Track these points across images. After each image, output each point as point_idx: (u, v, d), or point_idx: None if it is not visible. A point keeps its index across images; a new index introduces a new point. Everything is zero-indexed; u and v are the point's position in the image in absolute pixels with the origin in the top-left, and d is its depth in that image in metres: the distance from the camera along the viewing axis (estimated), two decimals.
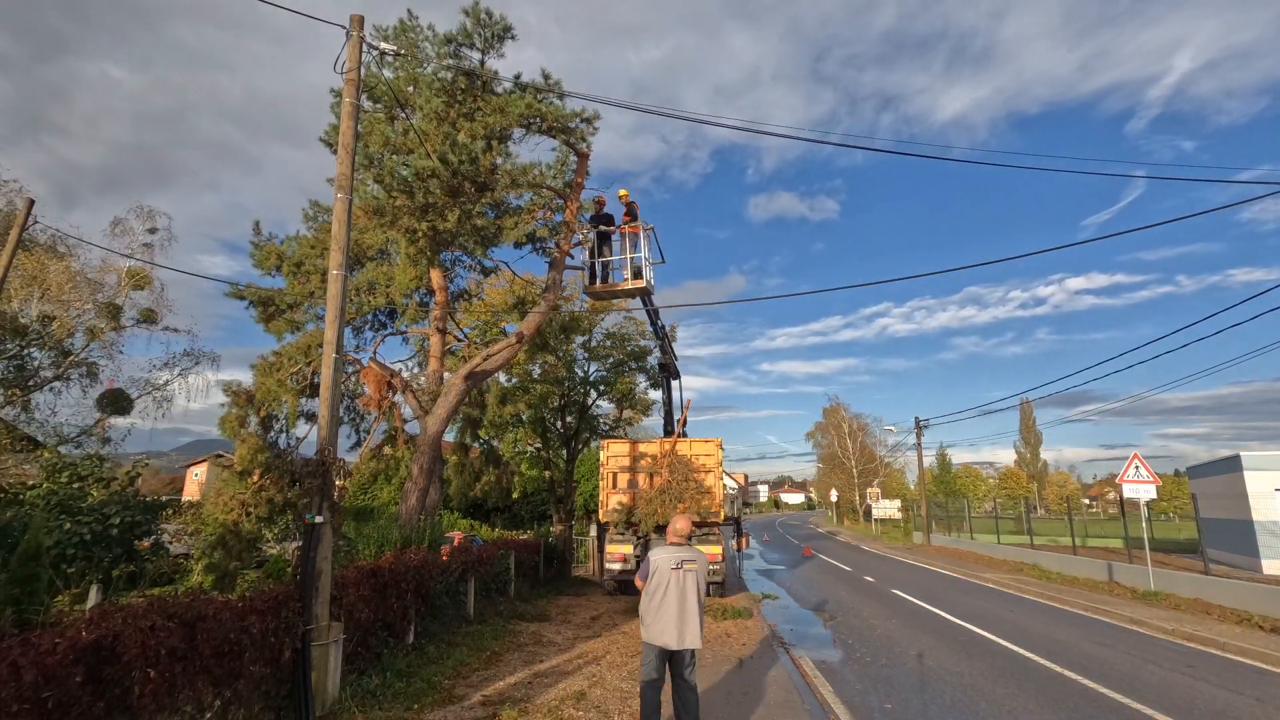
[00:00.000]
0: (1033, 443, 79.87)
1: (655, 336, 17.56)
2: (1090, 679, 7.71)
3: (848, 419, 67.22)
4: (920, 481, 37.60)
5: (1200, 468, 22.85)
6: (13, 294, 16.95)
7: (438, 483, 14.76)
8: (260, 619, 5.31)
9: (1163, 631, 10.60)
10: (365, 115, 11.07)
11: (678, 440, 14.13)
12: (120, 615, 4.29)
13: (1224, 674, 8.09)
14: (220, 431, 14.78)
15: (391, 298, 15.99)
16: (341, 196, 7.08)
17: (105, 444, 18.50)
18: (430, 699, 6.37)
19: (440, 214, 10.69)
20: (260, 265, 15.16)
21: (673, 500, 13.01)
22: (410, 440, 16.95)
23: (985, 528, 28.07)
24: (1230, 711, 6.63)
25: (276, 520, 11.51)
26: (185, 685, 4.47)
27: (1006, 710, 6.58)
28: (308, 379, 14.87)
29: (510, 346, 13.31)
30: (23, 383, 17.85)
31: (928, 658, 8.82)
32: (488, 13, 10.62)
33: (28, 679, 3.49)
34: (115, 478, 13.19)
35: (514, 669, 7.67)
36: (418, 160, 10.15)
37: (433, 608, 8.95)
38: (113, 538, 11.27)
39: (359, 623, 6.80)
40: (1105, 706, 6.75)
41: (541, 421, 26.00)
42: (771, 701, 6.66)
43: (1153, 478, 14.36)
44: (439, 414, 12.53)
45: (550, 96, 11.30)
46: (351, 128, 7.21)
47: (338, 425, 7.11)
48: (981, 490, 58.45)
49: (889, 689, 7.29)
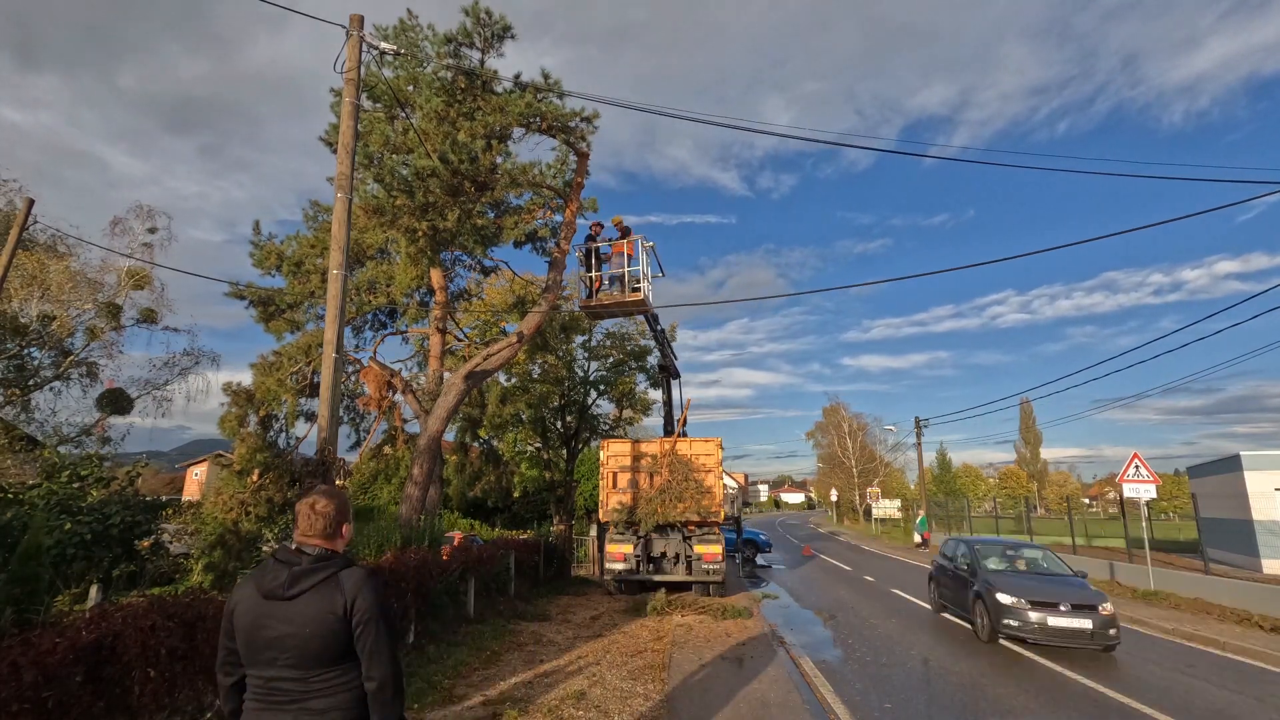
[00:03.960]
0: (1033, 443, 79.94)
1: (655, 340, 17.55)
2: (1090, 678, 7.71)
3: (848, 419, 67.31)
4: (920, 481, 37.61)
5: (1200, 467, 22.86)
6: (13, 294, 16.95)
7: (438, 483, 14.77)
8: None
9: (1163, 631, 10.60)
10: (365, 115, 11.06)
11: (678, 440, 14.13)
12: (120, 615, 4.29)
13: (1224, 674, 8.09)
14: (220, 431, 14.79)
15: (391, 297, 16.00)
16: (341, 196, 7.08)
17: (105, 444, 18.50)
18: (430, 699, 6.37)
19: (440, 213, 10.68)
20: (260, 265, 15.15)
21: (673, 500, 13.01)
22: (410, 440, 16.96)
23: (985, 527, 28.10)
24: (1230, 711, 6.63)
25: (276, 520, 11.50)
26: (185, 685, 4.47)
27: (1006, 709, 6.58)
28: (308, 379, 14.88)
29: (510, 346, 13.31)
30: (23, 383, 17.85)
31: (928, 657, 8.82)
32: (487, 12, 10.62)
33: (28, 679, 3.49)
34: (115, 478, 13.19)
35: (514, 669, 7.67)
36: (417, 160, 10.15)
37: (433, 607, 8.94)
38: (113, 538, 11.26)
39: None
40: (1105, 706, 6.75)
41: (541, 421, 26.00)
42: (772, 701, 6.66)
43: (1152, 477, 14.37)
44: (439, 414, 12.52)
45: (550, 96, 11.30)
46: (351, 127, 7.21)
47: (338, 425, 7.11)
48: (981, 490, 58.50)
49: (889, 688, 7.29)
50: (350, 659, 2.27)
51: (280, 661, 2.21)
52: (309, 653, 2.20)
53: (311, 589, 2.24)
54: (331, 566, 2.31)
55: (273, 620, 2.21)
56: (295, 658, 2.20)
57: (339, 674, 2.25)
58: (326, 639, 2.21)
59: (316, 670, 2.22)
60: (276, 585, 2.24)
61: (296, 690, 2.21)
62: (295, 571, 2.27)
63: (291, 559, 2.31)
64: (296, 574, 2.26)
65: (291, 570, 2.27)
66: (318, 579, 2.26)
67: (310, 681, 2.21)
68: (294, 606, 2.21)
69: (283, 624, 2.20)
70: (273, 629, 2.21)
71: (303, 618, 2.20)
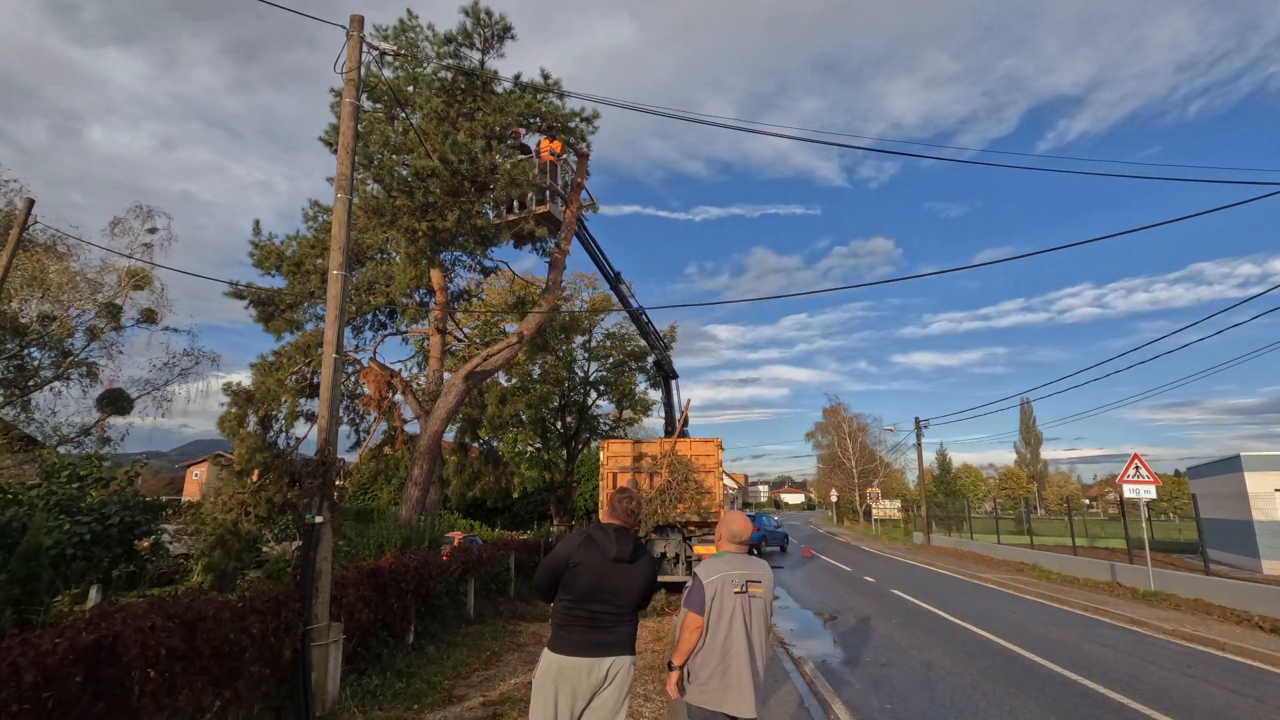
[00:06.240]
0: (1033, 443, 79.97)
1: (642, 334, 17.46)
2: (1090, 679, 7.70)
3: (848, 419, 67.34)
4: (920, 481, 37.61)
5: (1200, 468, 22.86)
6: (13, 294, 16.95)
7: (438, 483, 14.77)
8: (260, 619, 5.30)
9: (1163, 632, 10.60)
10: (365, 115, 11.07)
11: (678, 440, 14.14)
12: (120, 615, 4.28)
13: (1224, 674, 8.08)
14: (220, 431, 14.79)
15: (391, 298, 15.99)
16: (341, 196, 7.07)
17: (105, 444, 18.48)
18: (430, 699, 6.36)
19: (440, 214, 10.69)
20: (260, 265, 15.15)
21: (673, 500, 13.02)
22: (410, 440, 16.96)
23: (985, 528, 28.06)
24: (1230, 711, 6.63)
25: (276, 520, 11.52)
26: (185, 685, 4.47)
27: (1006, 710, 6.58)
28: (307, 379, 14.87)
29: (510, 347, 13.31)
30: (23, 383, 17.85)
31: (928, 658, 8.82)
32: (487, 12, 10.63)
33: (28, 679, 3.48)
34: (114, 478, 13.17)
35: (514, 669, 7.66)
36: (417, 160, 10.16)
37: (433, 608, 8.94)
38: (112, 538, 11.25)
39: (359, 623, 6.79)
40: (1105, 706, 6.74)
41: (541, 422, 25.98)
42: (772, 702, 6.66)
43: (1152, 478, 14.36)
44: (439, 414, 12.53)
45: (550, 96, 11.31)
46: (351, 128, 7.21)
47: (338, 425, 7.11)
48: (981, 490, 58.51)
49: (889, 689, 7.29)
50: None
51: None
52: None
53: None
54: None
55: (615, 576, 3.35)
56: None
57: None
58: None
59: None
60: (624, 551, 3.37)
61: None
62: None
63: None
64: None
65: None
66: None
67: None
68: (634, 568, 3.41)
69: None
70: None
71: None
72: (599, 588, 3.27)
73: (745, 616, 3.43)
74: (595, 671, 3.24)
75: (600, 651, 3.27)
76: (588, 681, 3.23)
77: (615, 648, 3.31)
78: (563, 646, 3.28)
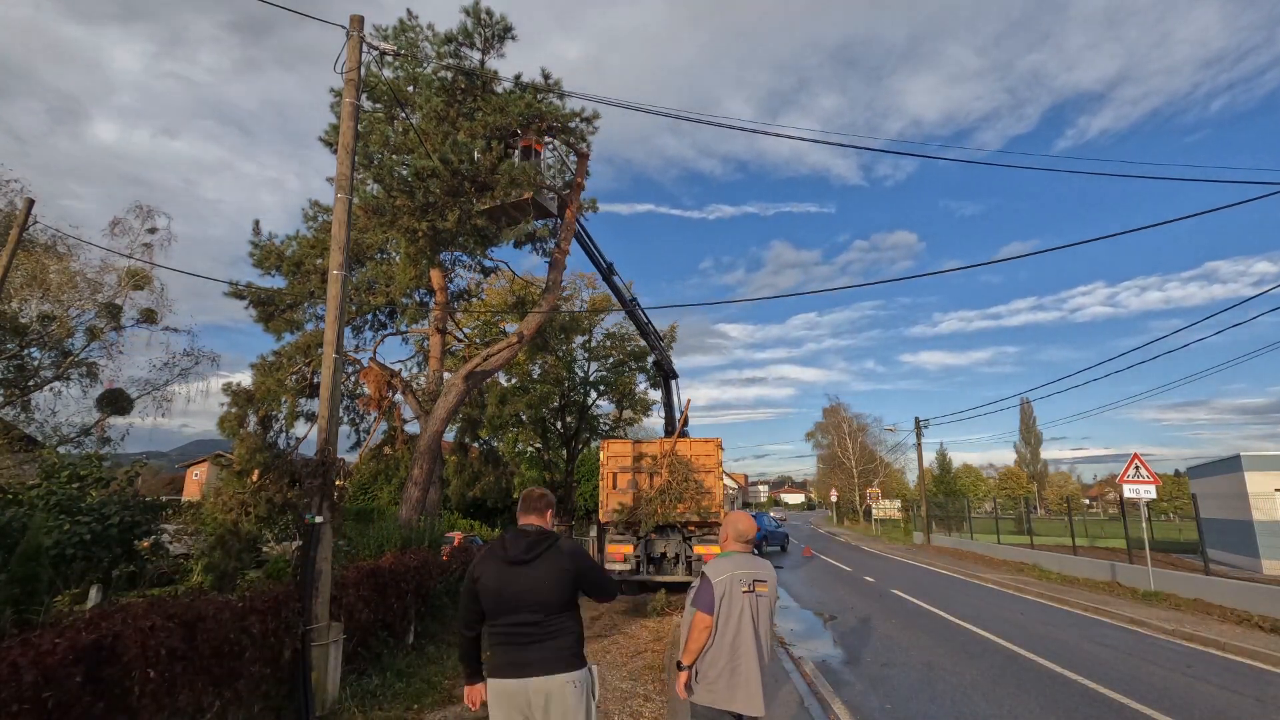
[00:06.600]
0: (1033, 443, 79.96)
1: (640, 332, 17.44)
2: (1090, 679, 7.70)
3: (847, 419, 67.35)
4: (920, 481, 37.61)
5: (1201, 468, 22.86)
6: (13, 294, 16.95)
7: (438, 483, 14.77)
8: (260, 619, 5.30)
9: (1163, 632, 10.59)
10: (365, 115, 11.06)
11: (678, 440, 14.13)
12: (120, 615, 4.28)
13: (1224, 674, 8.08)
14: (220, 431, 14.79)
15: (391, 297, 16.00)
16: (341, 196, 7.07)
17: (105, 444, 18.47)
18: (430, 699, 6.36)
19: (440, 214, 10.69)
20: (260, 265, 15.16)
21: (673, 500, 13.01)
22: (410, 440, 16.97)
23: (985, 528, 28.05)
24: (1230, 711, 6.63)
25: (276, 520, 11.51)
26: (185, 685, 4.47)
27: (1007, 710, 6.58)
28: (307, 379, 14.88)
29: (510, 347, 13.31)
30: (23, 383, 17.85)
31: (928, 658, 8.82)
32: (488, 12, 10.63)
33: (28, 679, 3.48)
34: (114, 478, 13.17)
35: None
36: (417, 160, 10.16)
37: (433, 608, 8.94)
38: (112, 538, 11.24)
39: (359, 623, 6.79)
40: (1105, 706, 6.74)
41: (541, 422, 25.98)
42: (773, 702, 6.66)
43: (1152, 478, 14.36)
44: (439, 414, 12.53)
45: (550, 96, 11.30)
46: (351, 128, 7.21)
47: (338, 425, 7.11)
48: (981, 490, 58.49)
49: (889, 689, 7.29)
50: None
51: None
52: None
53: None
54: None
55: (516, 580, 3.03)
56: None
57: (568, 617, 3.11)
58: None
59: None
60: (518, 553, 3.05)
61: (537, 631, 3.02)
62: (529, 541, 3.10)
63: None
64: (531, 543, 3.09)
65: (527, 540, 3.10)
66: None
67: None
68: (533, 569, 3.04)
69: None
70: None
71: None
72: (502, 597, 3.00)
73: (753, 616, 3.48)
74: (523, 695, 2.92)
75: (523, 672, 2.93)
76: (527, 705, 2.91)
77: (541, 666, 2.93)
78: (491, 669, 3.05)
